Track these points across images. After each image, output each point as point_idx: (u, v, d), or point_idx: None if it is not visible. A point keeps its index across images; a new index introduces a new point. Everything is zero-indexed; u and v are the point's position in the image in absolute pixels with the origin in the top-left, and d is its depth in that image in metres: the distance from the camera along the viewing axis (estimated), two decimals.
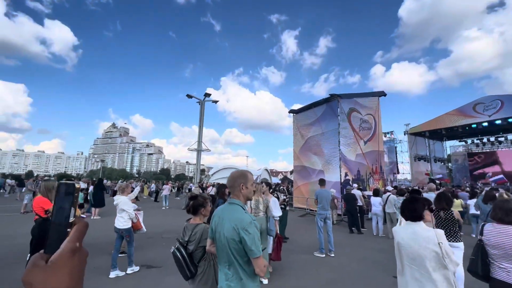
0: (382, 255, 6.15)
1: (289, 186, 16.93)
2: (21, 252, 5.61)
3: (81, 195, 11.50)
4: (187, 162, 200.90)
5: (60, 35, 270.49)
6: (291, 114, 17.98)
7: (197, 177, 23.52)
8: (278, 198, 6.43)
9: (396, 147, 25.28)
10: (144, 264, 5.06)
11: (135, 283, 4.33)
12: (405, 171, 26.41)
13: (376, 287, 4.31)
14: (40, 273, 0.40)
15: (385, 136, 23.60)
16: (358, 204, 9.48)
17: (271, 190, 6.39)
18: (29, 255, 4.99)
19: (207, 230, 2.25)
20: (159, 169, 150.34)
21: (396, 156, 24.86)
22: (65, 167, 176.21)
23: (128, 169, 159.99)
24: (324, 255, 5.98)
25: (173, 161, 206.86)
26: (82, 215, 10.45)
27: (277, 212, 5.24)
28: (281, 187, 8.15)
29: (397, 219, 7.05)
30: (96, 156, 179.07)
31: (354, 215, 9.06)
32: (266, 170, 31.16)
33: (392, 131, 25.65)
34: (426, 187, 8.41)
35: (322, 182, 6.57)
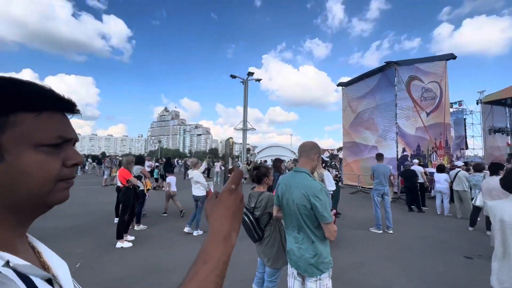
0: (449, 234, 5.66)
1: (339, 163, 16.44)
2: (107, 215, 6.74)
3: (155, 171, 13.38)
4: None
5: (116, 29, 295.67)
6: (339, 89, 16.94)
7: (243, 156, 24.36)
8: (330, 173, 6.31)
9: (465, 119, 21.98)
10: (206, 230, 5.63)
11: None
12: (476, 147, 23.06)
13: (444, 266, 4.02)
14: (210, 204, 0.55)
15: (452, 107, 20.63)
16: (419, 181, 8.72)
17: (323, 165, 6.28)
18: (116, 218, 6.02)
19: (272, 197, 2.35)
20: (208, 149, 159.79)
21: (465, 129, 21.69)
22: (129, 148, 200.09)
23: (181, 149, 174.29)
24: (381, 231, 5.77)
25: (220, 141, 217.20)
26: (158, 188, 11.97)
27: (331, 186, 5.17)
28: (333, 163, 7.94)
29: (472, 198, 6.31)
30: (153, 138, 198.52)
31: (414, 193, 8.40)
32: None
33: (460, 101, 22.31)
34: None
35: (379, 156, 6.18)
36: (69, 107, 0.43)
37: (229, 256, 0.49)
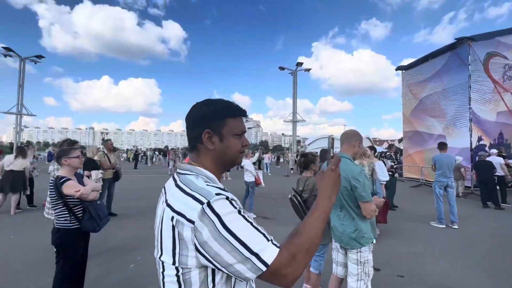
0: None
1: (398, 154, 15.25)
2: None
3: None
4: (282, 134, 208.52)
5: (173, 32, 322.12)
6: (399, 72, 15.44)
7: (293, 148, 24.40)
8: (384, 164, 6.06)
9: None
10: (259, 215, 6.08)
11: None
12: None
13: None
14: (319, 177, 0.82)
15: None
16: (498, 173, 7.59)
17: (376, 155, 6.07)
18: None
19: None
20: (258, 141, 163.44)
21: None
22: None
23: None
24: (443, 226, 5.35)
25: (270, 133, 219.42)
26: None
27: (383, 176, 5.03)
28: (388, 153, 7.51)
29: None
30: None
31: (490, 187, 7.37)
32: (368, 138, 28.61)
33: None
34: None
35: (442, 146, 5.66)
36: (245, 114, 0.81)
37: (330, 208, 0.77)
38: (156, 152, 32.44)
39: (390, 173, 6.37)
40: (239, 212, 0.65)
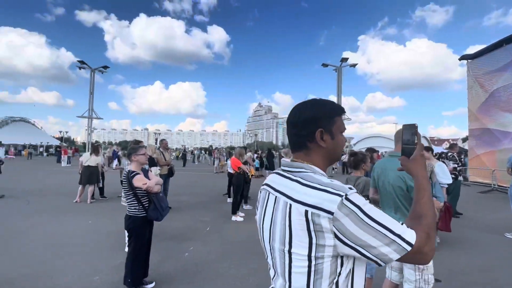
0: None
1: (462, 155, 13.52)
2: (219, 194, 8.25)
3: (257, 161, 15.07)
4: None
5: (217, 37, 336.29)
6: (464, 62, 13.64)
7: None
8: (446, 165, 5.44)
9: None
10: None
11: None
12: None
13: None
14: (409, 163, 0.86)
15: None
16: None
17: (435, 155, 5.50)
18: (229, 198, 7.35)
19: (368, 181, 2.47)
20: None
21: None
22: (230, 142, 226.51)
23: (274, 141, 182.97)
24: None
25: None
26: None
27: (445, 178, 4.54)
28: (450, 154, 6.70)
29: None
30: (249, 132, 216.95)
31: None
32: (425, 137, 25.91)
33: None
34: None
35: None
36: (345, 112, 0.89)
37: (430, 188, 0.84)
38: (202, 151, 34.40)
39: (453, 175, 5.70)
40: (370, 203, 0.72)
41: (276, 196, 0.81)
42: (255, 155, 16.92)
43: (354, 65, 22.56)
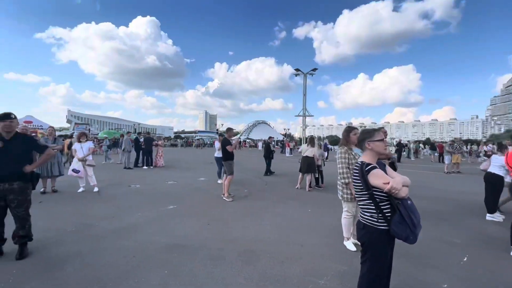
0: None
1: None
2: (471, 204, 5.51)
3: None
4: None
5: (438, 1, 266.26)
6: None
7: None
8: None
9: None
10: None
11: None
12: None
13: None
14: None
15: None
16: None
17: None
18: (488, 214, 4.80)
19: None
20: None
21: None
22: (460, 133, 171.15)
23: None
24: None
25: None
26: None
27: None
28: None
29: None
30: (495, 118, 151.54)
31: None
32: None
33: None
34: None
35: None
36: None
37: None
38: (421, 145, 28.40)
39: None
40: None
41: None
42: None
43: None
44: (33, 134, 9.23)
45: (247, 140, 53.44)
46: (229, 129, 6.50)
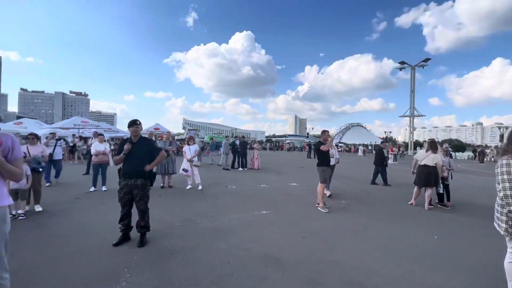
0: None
1: None
2: None
3: None
4: None
5: None
6: None
7: None
8: None
9: None
10: None
11: None
12: None
13: None
14: None
15: None
16: None
17: None
18: None
19: None
20: None
21: None
22: None
23: None
24: None
25: None
26: None
27: None
28: None
29: None
30: None
31: None
32: None
33: None
34: None
35: None
36: None
37: None
38: None
39: None
40: None
41: None
42: None
43: None
44: (159, 139, 11.37)
45: (340, 145, 49.89)
46: (324, 132, 6.22)
